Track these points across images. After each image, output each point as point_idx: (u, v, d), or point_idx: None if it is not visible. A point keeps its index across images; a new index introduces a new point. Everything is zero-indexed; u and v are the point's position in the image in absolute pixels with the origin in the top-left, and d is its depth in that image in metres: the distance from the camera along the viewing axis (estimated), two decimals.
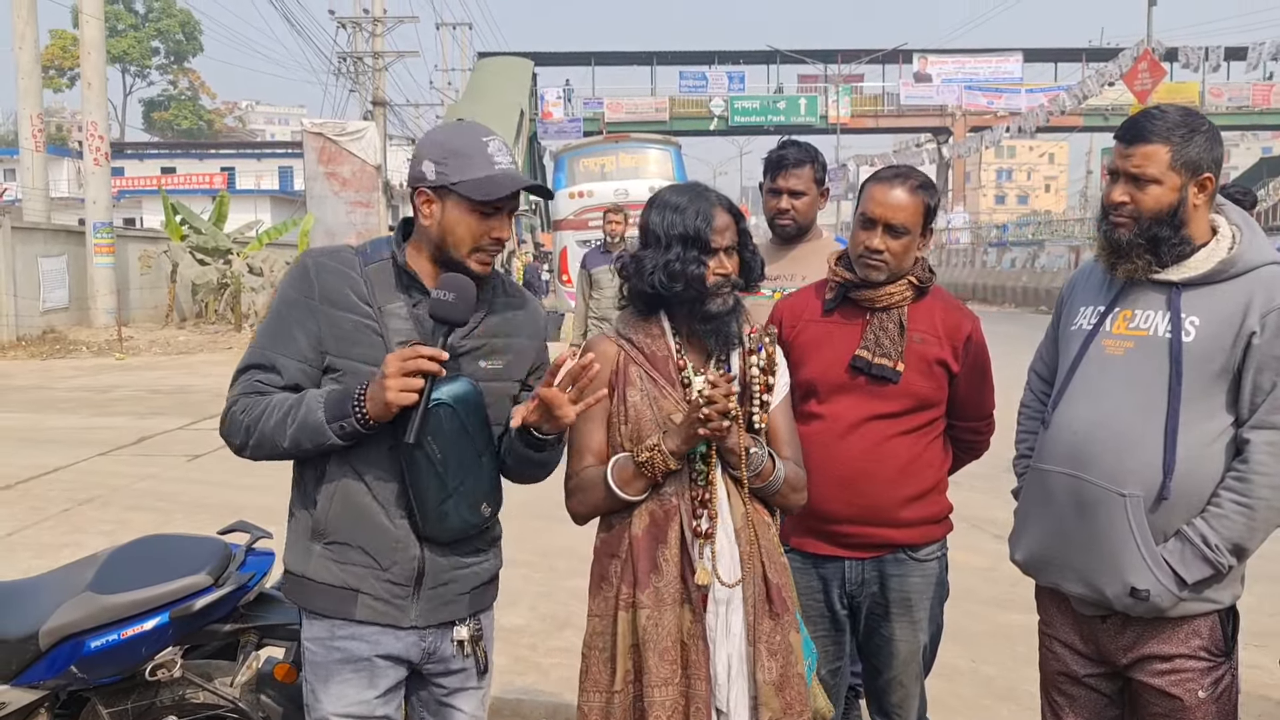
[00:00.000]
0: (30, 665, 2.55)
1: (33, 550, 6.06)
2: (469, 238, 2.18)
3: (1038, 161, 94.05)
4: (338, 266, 2.21)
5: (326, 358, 2.19)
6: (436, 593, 2.23)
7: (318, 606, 2.22)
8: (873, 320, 2.68)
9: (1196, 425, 2.26)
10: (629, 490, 2.26)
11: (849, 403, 2.67)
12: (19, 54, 20.65)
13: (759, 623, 2.26)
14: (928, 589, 2.73)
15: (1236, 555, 2.25)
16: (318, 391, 2.14)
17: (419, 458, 2.11)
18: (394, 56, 35.45)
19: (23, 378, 14.62)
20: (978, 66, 48.38)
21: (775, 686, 2.24)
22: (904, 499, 2.67)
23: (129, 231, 25.17)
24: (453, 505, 2.16)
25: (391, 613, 2.20)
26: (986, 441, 2.91)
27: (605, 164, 21.76)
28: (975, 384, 2.77)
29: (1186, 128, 2.28)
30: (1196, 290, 2.30)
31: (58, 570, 2.81)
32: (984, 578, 5.54)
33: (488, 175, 2.15)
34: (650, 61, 48.56)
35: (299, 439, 2.11)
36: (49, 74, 57.44)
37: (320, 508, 2.19)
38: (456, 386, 2.12)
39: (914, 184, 2.65)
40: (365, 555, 2.19)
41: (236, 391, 2.20)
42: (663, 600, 2.23)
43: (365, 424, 2.08)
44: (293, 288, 2.21)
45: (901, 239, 2.63)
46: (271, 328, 2.22)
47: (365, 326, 2.18)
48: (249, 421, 2.15)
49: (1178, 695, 2.31)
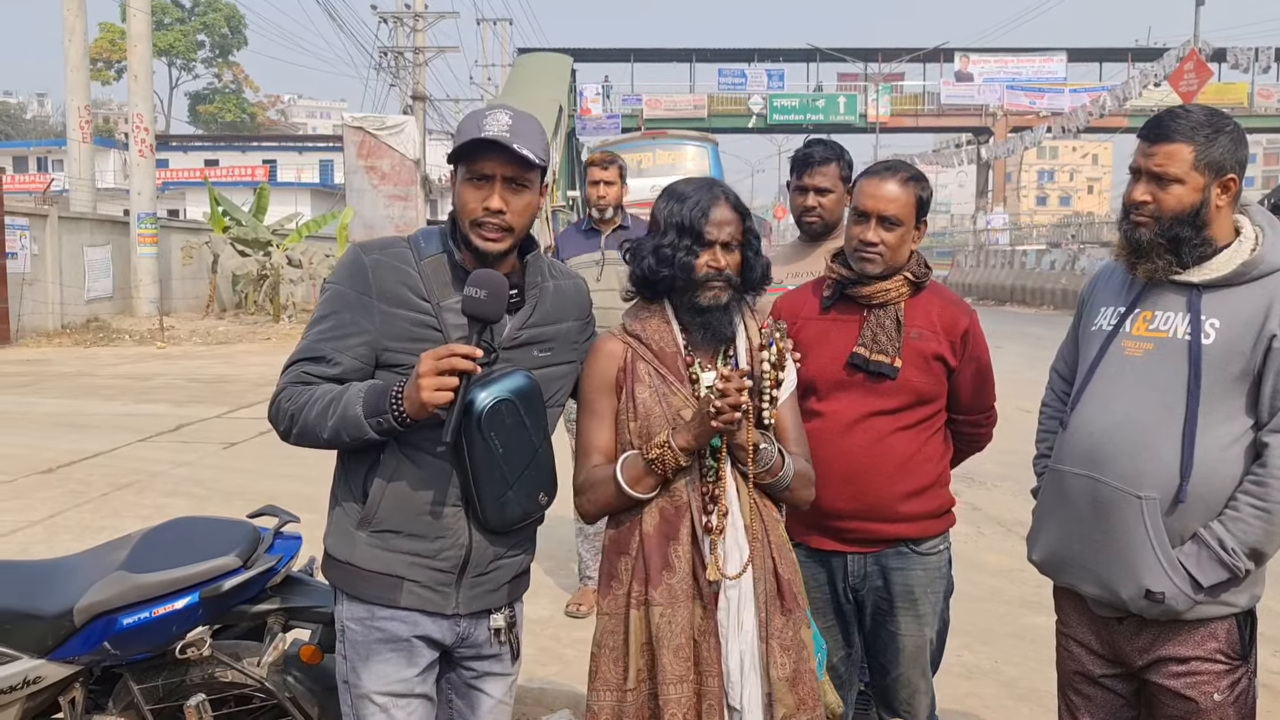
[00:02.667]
0: (65, 641, 2.62)
1: (73, 533, 6.20)
2: (465, 210, 2.17)
3: (1080, 163, 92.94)
4: (395, 264, 2.21)
5: (384, 354, 2.19)
6: (479, 580, 2.26)
7: (361, 592, 2.24)
8: (870, 317, 2.69)
9: (1215, 428, 2.25)
10: (639, 488, 2.25)
11: (848, 399, 2.68)
12: (68, 47, 21.03)
13: (771, 619, 2.26)
14: (931, 582, 2.74)
15: (1254, 559, 2.24)
16: (360, 385, 2.15)
17: (481, 451, 2.12)
18: (434, 51, 35.70)
19: (67, 365, 14.91)
20: (1020, 66, 47.83)
21: (789, 682, 2.23)
22: (905, 494, 2.68)
23: (172, 223, 25.56)
24: (513, 496, 2.20)
25: (436, 600, 2.23)
26: (988, 435, 2.91)
27: (642, 160, 21.76)
28: (974, 378, 2.77)
29: (1211, 128, 2.26)
30: (1218, 292, 2.28)
31: (92, 550, 2.88)
32: (1009, 579, 5.51)
33: (468, 139, 2.15)
34: (689, 59, 48.48)
35: (339, 431, 2.13)
36: (97, 66, 58.38)
37: (372, 497, 2.20)
38: (514, 381, 2.15)
39: (905, 176, 2.68)
40: (414, 542, 2.21)
41: (284, 381, 2.22)
42: (676, 597, 2.22)
43: (402, 421, 2.09)
44: (349, 284, 2.20)
45: (895, 231, 2.65)
46: (326, 324, 2.21)
47: (424, 324, 2.18)
48: (293, 409, 2.17)
49: (1193, 698, 2.31)
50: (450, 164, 2.22)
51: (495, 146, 2.13)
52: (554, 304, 2.33)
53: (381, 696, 2.23)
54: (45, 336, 17.96)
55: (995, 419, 2.90)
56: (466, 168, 2.18)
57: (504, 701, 2.40)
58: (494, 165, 2.15)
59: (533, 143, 2.16)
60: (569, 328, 2.36)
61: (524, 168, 2.16)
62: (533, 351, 2.27)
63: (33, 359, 15.57)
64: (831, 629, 2.76)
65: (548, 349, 2.30)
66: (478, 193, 2.16)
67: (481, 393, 2.10)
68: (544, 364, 2.29)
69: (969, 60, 48.16)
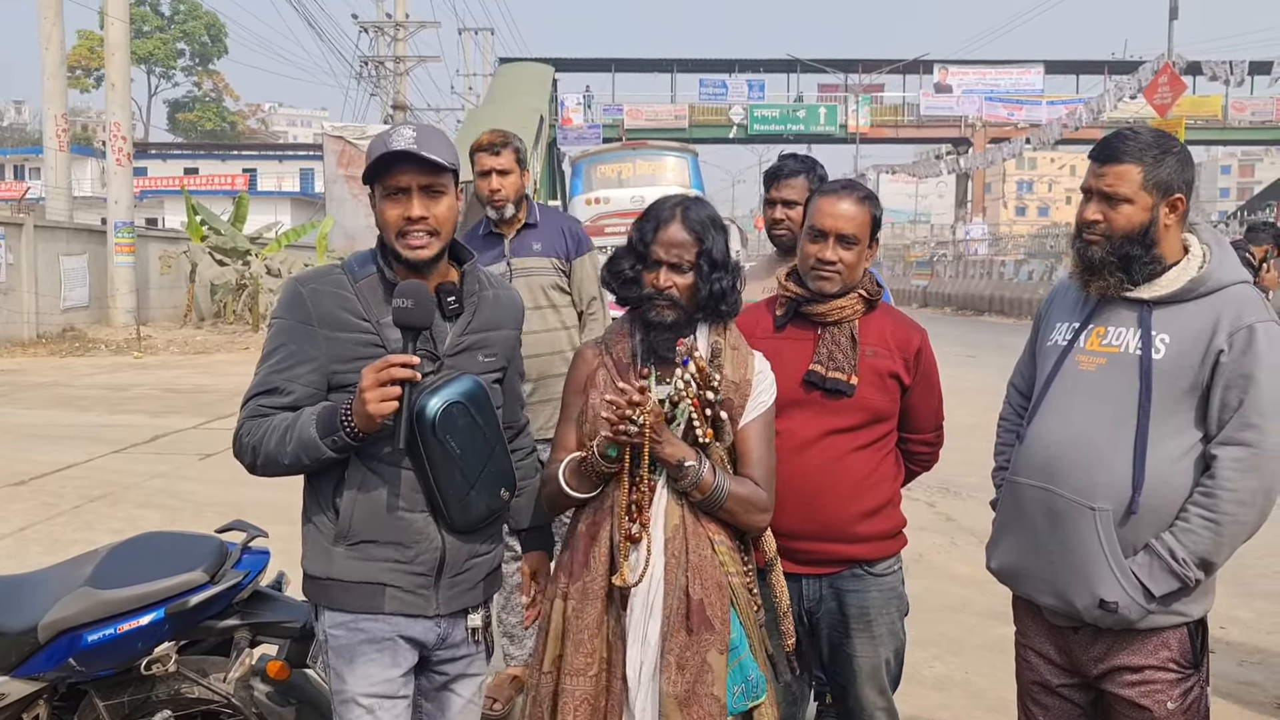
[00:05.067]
0: (29, 657, 2.61)
1: (43, 545, 6.16)
2: (388, 225, 2.25)
3: (1059, 173, 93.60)
4: (331, 290, 2.28)
5: (334, 377, 2.26)
6: (456, 580, 2.34)
7: (344, 604, 2.29)
8: (824, 335, 2.70)
9: (1166, 441, 2.30)
10: (576, 488, 2.38)
11: (804, 418, 2.66)
12: (45, 55, 20.94)
13: (673, 634, 2.28)
14: (886, 603, 2.72)
15: (1203, 569, 2.29)
16: (313, 409, 2.23)
17: (439, 455, 2.21)
18: (415, 61, 35.72)
19: (42, 375, 14.80)
20: (998, 78, 48.30)
21: (679, 701, 2.24)
22: (860, 514, 2.67)
23: (150, 231, 25.41)
24: (475, 495, 2.28)
25: (417, 603, 2.30)
26: (936, 454, 2.93)
27: (622, 170, 21.79)
28: (926, 396, 2.80)
29: (1158, 149, 2.33)
30: (1167, 308, 2.34)
31: (57, 565, 2.88)
32: (980, 589, 5.55)
33: (378, 155, 2.21)
34: (671, 69, 48.68)
35: (298, 454, 2.21)
36: (75, 74, 58.06)
37: (343, 511, 2.27)
38: (462, 384, 2.23)
39: (860, 195, 2.72)
40: (391, 550, 2.27)
41: (243, 416, 2.28)
42: (586, 594, 2.33)
43: (355, 437, 2.17)
44: (291, 316, 2.28)
45: (852, 249, 2.68)
46: (275, 357, 2.28)
47: (367, 342, 2.26)
48: (253, 442, 2.25)
49: (1147, 706, 2.35)
50: (366, 184, 2.28)
51: (406, 158, 2.20)
52: (493, 311, 2.42)
53: (367, 698, 2.27)
54: (20, 346, 17.82)
55: (944, 438, 2.92)
56: (382, 185, 2.25)
57: (473, 701, 2.47)
58: (408, 177, 2.22)
59: (440, 150, 2.22)
60: (508, 335, 2.47)
61: (436, 173, 2.23)
62: (477, 356, 2.36)
63: (7, 369, 15.43)
64: None
65: (491, 354, 2.40)
66: (397, 206, 2.23)
67: (433, 399, 2.18)
68: (488, 369, 2.38)
69: (948, 72, 48.59)
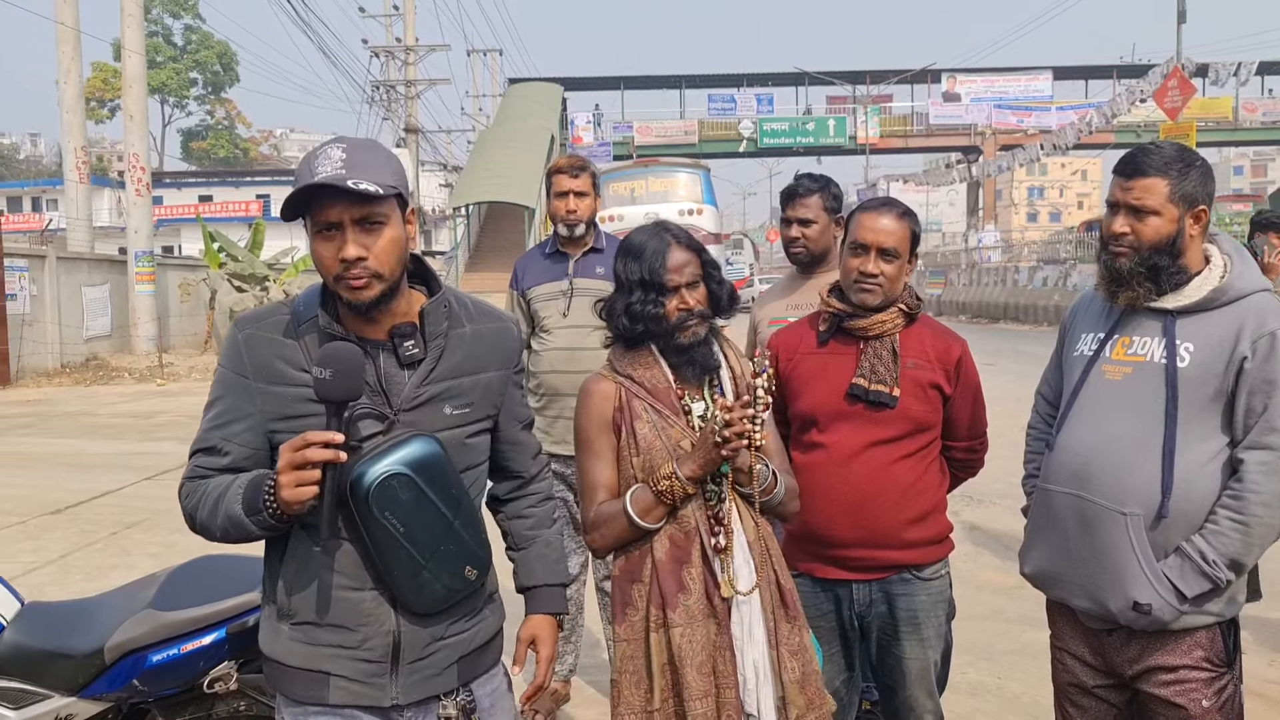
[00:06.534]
0: (96, 679, 2.69)
1: (84, 573, 6.28)
2: (323, 267, 1.91)
3: (1070, 179, 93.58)
4: (269, 336, 1.97)
5: (274, 436, 1.95)
6: (417, 667, 2.00)
7: (289, 691, 2.02)
8: (866, 348, 2.79)
9: (1193, 447, 2.37)
10: (649, 519, 2.35)
11: (849, 430, 2.77)
12: (64, 89, 21.21)
13: (778, 627, 2.39)
14: (934, 607, 2.82)
15: (1234, 570, 2.35)
16: (242, 480, 1.92)
17: (380, 534, 1.88)
18: (426, 84, 36.01)
19: (68, 404, 14.97)
20: (1007, 85, 48.31)
21: (799, 685, 2.38)
22: (907, 521, 2.76)
23: (168, 260, 25.73)
24: (430, 575, 1.94)
25: (369, 693, 1.98)
26: (981, 459, 3.02)
27: (635, 188, 21.98)
28: (968, 405, 2.89)
29: (1183, 163, 2.41)
30: (1191, 317, 2.41)
31: (120, 589, 2.97)
32: (1009, 596, 5.60)
33: (300, 188, 1.85)
34: (679, 85, 48.88)
35: (228, 530, 1.93)
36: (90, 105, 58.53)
37: (283, 584, 2.00)
38: (409, 449, 1.89)
39: (899, 211, 2.82)
40: (335, 633, 1.96)
41: (184, 475, 2.02)
42: (693, 616, 2.33)
43: (279, 519, 1.86)
44: (229, 365, 2.00)
45: (893, 262, 2.76)
46: (213, 410, 2.01)
47: (306, 397, 1.90)
48: (189, 509, 1.99)
49: (1183, 705, 2.41)
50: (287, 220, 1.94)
51: (331, 191, 1.83)
52: (469, 352, 2.05)
53: None
54: (45, 376, 18.02)
55: (988, 444, 3.01)
56: (312, 220, 1.89)
57: None
58: (338, 211, 1.86)
59: (375, 171, 1.87)
60: (491, 379, 2.09)
61: (372, 203, 1.86)
62: (443, 409, 1.99)
63: (34, 399, 15.63)
64: (835, 655, 2.85)
65: (463, 405, 2.02)
66: (330, 245, 1.88)
67: (371, 468, 1.86)
68: (459, 422, 2.02)
69: (956, 80, 48.63)
